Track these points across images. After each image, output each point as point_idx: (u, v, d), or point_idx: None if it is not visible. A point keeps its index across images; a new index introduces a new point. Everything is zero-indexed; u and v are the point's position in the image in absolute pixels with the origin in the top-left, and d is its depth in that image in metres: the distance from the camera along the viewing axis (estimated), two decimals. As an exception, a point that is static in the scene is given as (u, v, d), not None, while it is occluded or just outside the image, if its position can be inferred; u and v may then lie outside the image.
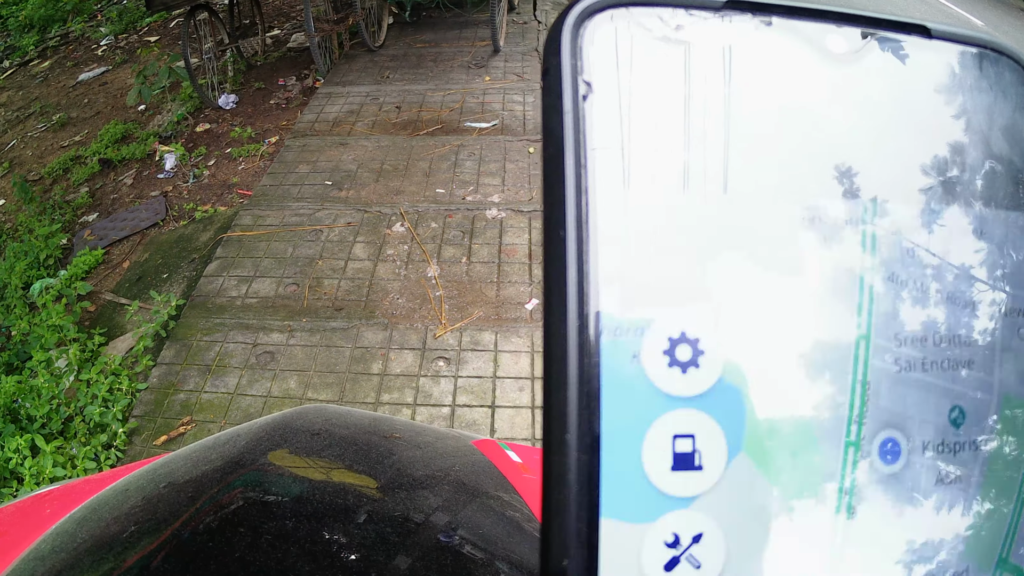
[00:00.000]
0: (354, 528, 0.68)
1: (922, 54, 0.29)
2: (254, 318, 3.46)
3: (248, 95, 6.01)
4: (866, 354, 0.26)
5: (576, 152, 0.23)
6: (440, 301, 3.53)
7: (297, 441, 0.82)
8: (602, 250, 0.23)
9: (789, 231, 0.26)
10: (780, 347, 0.25)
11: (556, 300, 0.23)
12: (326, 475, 0.77)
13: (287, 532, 0.66)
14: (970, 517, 0.27)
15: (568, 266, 0.23)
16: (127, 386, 3.11)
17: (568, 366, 0.22)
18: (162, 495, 0.73)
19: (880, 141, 0.28)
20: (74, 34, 8.55)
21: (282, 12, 8.05)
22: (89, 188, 5.06)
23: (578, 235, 0.23)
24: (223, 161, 5.03)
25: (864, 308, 0.26)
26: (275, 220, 4.16)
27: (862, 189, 0.27)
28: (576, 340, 0.23)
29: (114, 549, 0.66)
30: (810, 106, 0.28)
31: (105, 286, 4.00)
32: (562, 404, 0.22)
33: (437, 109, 5.42)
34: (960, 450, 0.27)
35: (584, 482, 0.22)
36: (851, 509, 0.26)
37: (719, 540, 0.24)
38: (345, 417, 0.93)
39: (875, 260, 0.27)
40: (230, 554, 0.63)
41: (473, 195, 4.33)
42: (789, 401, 0.25)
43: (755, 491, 0.24)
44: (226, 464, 0.75)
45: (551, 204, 0.23)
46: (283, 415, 0.87)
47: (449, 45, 6.73)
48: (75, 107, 6.59)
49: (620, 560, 0.23)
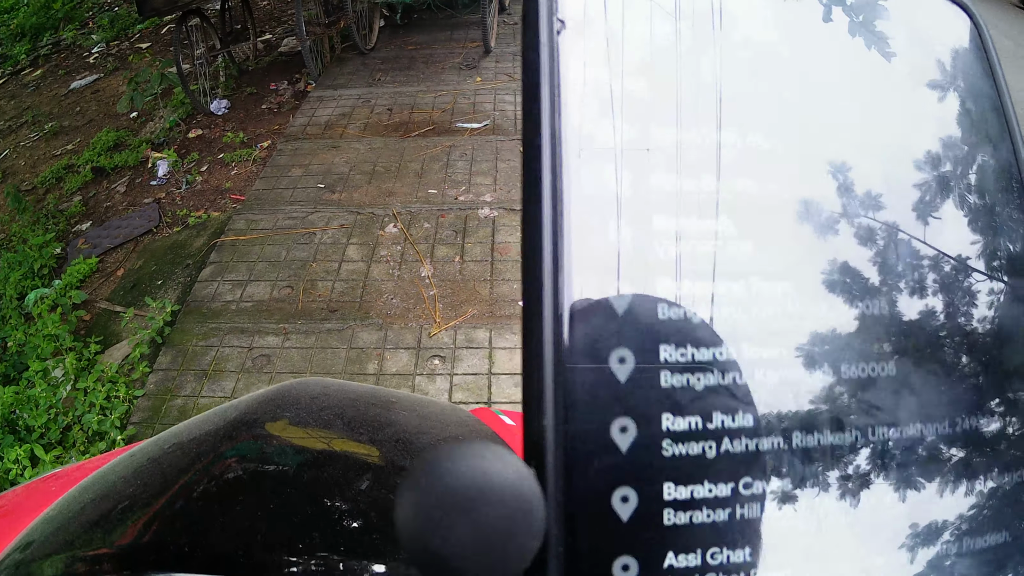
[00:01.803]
0: (356, 490, 0.69)
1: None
2: (249, 322, 3.48)
3: (240, 100, 6.01)
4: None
5: (551, 80, 0.26)
6: (434, 300, 3.54)
7: (292, 411, 0.83)
8: (572, 162, 0.26)
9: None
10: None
11: (532, 211, 0.25)
12: (325, 441, 0.79)
13: (287, 495, 0.68)
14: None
15: (543, 175, 0.25)
16: (124, 393, 3.12)
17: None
18: (158, 467, 0.74)
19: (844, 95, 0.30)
20: (66, 42, 8.55)
21: (273, 17, 8.05)
22: (82, 197, 5.07)
23: (552, 147, 0.25)
24: (216, 166, 5.03)
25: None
26: (268, 224, 4.17)
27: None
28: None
29: (113, 517, 0.68)
30: (783, 50, 0.30)
31: (100, 294, 4.01)
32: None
33: (428, 110, 5.43)
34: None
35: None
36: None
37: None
38: (339, 387, 0.94)
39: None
40: (230, 516, 0.64)
41: (465, 195, 4.34)
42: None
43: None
44: (220, 435, 0.76)
45: (529, 120, 0.26)
46: (276, 388, 0.88)
47: (440, 47, 6.74)
48: (67, 115, 6.59)
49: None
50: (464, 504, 0.21)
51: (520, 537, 0.22)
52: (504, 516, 0.21)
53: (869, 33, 0.31)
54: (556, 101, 0.26)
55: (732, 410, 0.26)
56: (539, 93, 0.26)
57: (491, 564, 0.21)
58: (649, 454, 0.25)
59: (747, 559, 0.26)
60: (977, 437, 0.29)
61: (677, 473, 0.25)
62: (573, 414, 0.24)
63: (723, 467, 0.26)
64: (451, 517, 0.21)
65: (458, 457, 0.22)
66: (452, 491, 0.21)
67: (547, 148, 0.25)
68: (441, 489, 0.21)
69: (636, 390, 0.25)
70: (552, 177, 0.25)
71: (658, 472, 0.25)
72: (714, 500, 0.25)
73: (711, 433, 0.25)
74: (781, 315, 0.27)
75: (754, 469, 0.26)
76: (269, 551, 0.61)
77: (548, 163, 0.25)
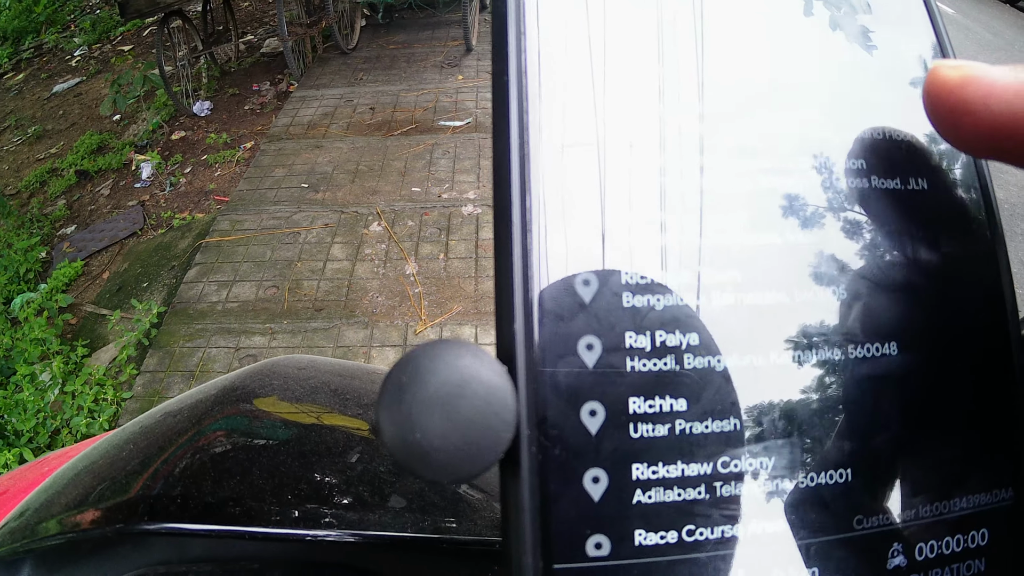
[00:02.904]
0: (344, 456, 0.72)
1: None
2: (235, 322, 3.49)
3: (223, 101, 6.02)
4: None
5: (517, 30, 0.27)
6: (419, 297, 3.57)
7: (276, 386, 0.84)
8: (542, 152, 0.27)
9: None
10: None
11: (500, 164, 0.27)
12: (311, 414, 0.81)
13: (276, 457, 0.70)
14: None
15: (511, 108, 0.27)
16: (112, 396, 3.14)
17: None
18: (149, 436, 0.77)
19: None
20: (48, 45, 8.51)
21: (255, 18, 8.04)
22: (66, 200, 5.07)
23: (519, 87, 0.27)
24: (199, 168, 5.04)
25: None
26: (253, 224, 4.19)
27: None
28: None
29: (105, 481, 0.70)
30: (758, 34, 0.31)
31: (86, 298, 4.02)
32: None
33: (411, 109, 5.44)
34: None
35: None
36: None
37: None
38: (322, 363, 0.95)
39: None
40: (220, 472, 0.67)
41: (449, 192, 4.37)
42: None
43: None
44: (209, 407, 0.78)
45: (498, 71, 0.27)
46: (256, 366, 0.89)
47: (422, 45, 6.75)
48: (50, 119, 6.57)
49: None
50: (441, 399, 0.22)
51: (494, 429, 0.23)
52: (479, 409, 0.23)
53: (851, 25, 0.32)
54: (522, 60, 0.27)
55: (686, 329, 0.27)
56: (507, 49, 0.27)
57: (468, 455, 0.23)
58: (616, 373, 0.26)
59: (712, 470, 0.27)
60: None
61: (641, 390, 0.26)
62: (543, 326, 0.26)
63: (686, 385, 0.27)
64: (429, 411, 0.22)
65: (435, 354, 0.23)
66: (431, 386, 0.23)
67: (515, 137, 0.26)
68: (418, 384, 0.23)
69: (600, 310, 0.27)
70: (520, 167, 0.26)
71: (624, 389, 0.26)
72: (678, 414, 0.27)
73: (670, 350, 0.27)
74: (763, 308, 0.29)
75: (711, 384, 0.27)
76: (258, 500, 0.63)
77: (517, 152, 0.26)
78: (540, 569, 0.25)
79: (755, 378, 0.28)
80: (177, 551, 0.61)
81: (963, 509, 0.29)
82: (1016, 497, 0.30)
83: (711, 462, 0.27)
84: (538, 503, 0.25)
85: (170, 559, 0.61)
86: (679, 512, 0.27)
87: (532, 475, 0.25)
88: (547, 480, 0.25)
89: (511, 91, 0.27)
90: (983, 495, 0.30)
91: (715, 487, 0.27)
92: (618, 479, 0.26)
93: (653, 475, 0.26)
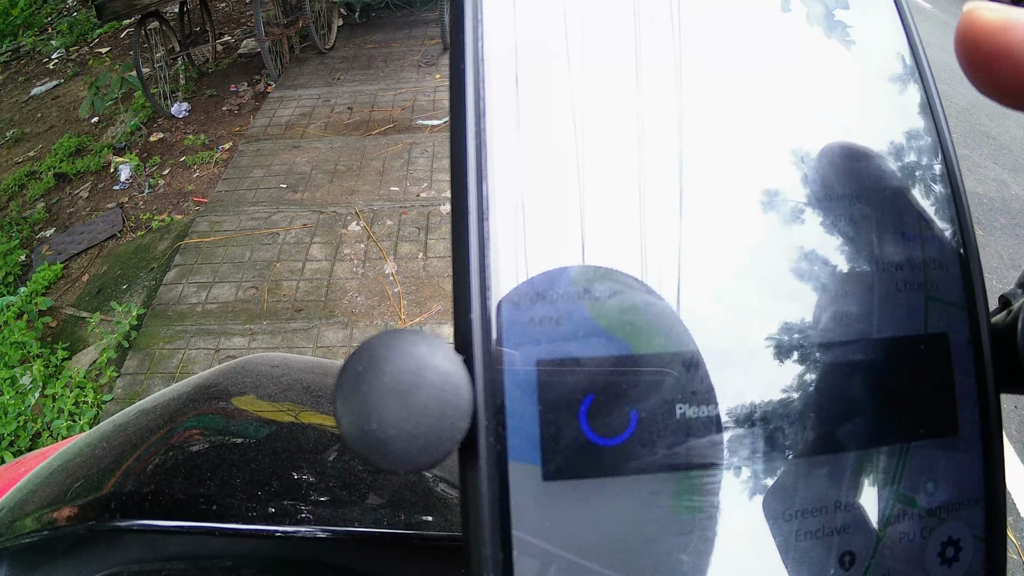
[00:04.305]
0: (320, 454, 0.73)
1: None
2: (215, 323, 3.51)
3: (200, 103, 6.01)
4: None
5: (475, 56, 0.28)
6: (399, 297, 3.59)
7: (249, 384, 0.84)
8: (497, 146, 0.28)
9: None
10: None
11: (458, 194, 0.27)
12: (285, 412, 0.81)
13: (249, 454, 0.71)
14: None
15: (467, 89, 0.28)
16: (93, 398, 3.15)
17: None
18: (122, 433, 0.77)
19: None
20: (25, 48, 8.46)
21: (232, 19, 8.02)
22: (45, 203, 5.06)
23: (475, 69, 0.28)
24: (178, 170, 5.04)
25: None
26: (232, 225, 4.20)
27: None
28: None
29: (79, 478, 0.71)
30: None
31: (66, 300, 4.02)
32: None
33: (389, 108, 5.46)
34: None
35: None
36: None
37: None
38: (295, 361, 0.95)
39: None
40: (192, 469, 0.68)
41: (427, 191, 4.39)
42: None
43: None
44: (176, 408, 0.78)
45: (455, 59, 0.28)
46: (229, 364, 0.89)
47: (399, 44, 6.76)
48: (28, 122, 6.54)
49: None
50: (397, 387, 0.22)
51: (450, 418, 0.23)
52: (435, 398, 0.23)
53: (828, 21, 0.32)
54: (480, 75, 0.28)
55: (641, 317, 0.27)
56: (463, 32, 0.28)
57: (424, 444, 0.22)
58: (572, 361, 0.27)
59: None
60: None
61: (596, 379, 0.27)
62: (500, 315, 0.26)
63: (642, 374, 0.27)
64: (385, 400, 0.22)
65: (392, 344, 0.23)
66: (387, 376, 0.22)
67: (471, 126, 0.27)
68: (374, 373, 0.23)
69: (557, 300, 0.27)
70: (477, 156, 0.27)
71: (581, 378, 0.26)
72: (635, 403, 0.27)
73: (626, 337, 0.27)
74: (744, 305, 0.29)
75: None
76: (232, 497, 0.64)
77: (473, 141, 0.27)
78: (500, 560, 0.25)
79: (724, 364, 0.28)
80: (151, 549, 0.62)
81: (932, 503, 0.30)
82: (986, 490, 0.30)
83: (677, 448, 0.27)
84: (496, 493, 0.25)
85: (144, 557, 0.61)
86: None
87: (490, 465, 0.25)
88: (505, 469, 0.26)
89: (467, 80, 0.27)
90: (951, 488, 0.30)
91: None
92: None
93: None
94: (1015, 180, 4.97)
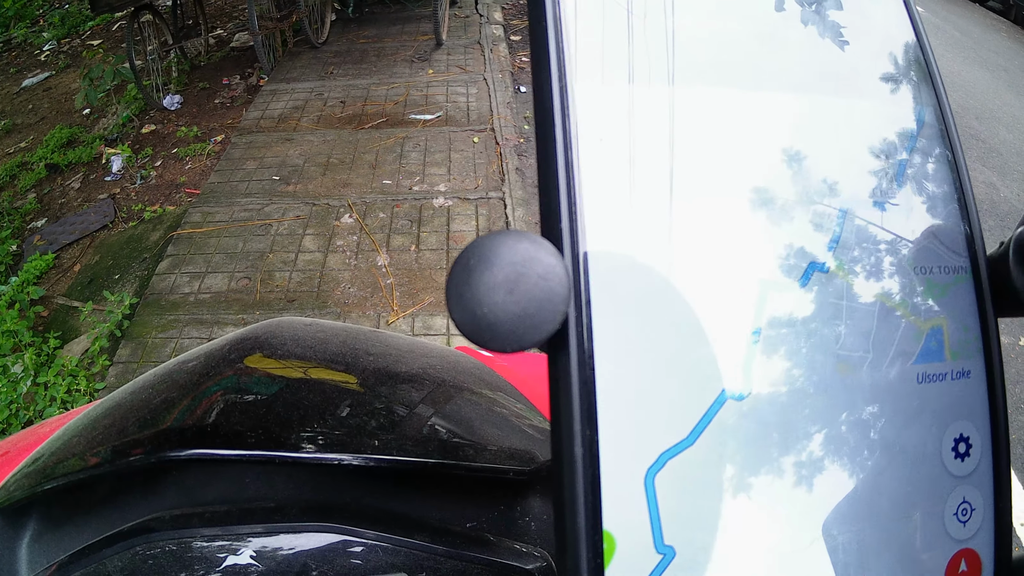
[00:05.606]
0: (362, 406, 0.73)
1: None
2: (208, 313, 3.52)
3: (193, 95, 6.01)
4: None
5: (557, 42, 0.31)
6: (391, 288, 3.61)
7: (277, 347, 0.84)
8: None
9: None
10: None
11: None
12: (318, 371, 0.80)
13: (282, 401, 0.71)
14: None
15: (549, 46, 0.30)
16: (85, 387, 3.15)
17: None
18: (160, 389, 0.76)
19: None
20: (16, 40, 8.43)
21: (225, 12, 8.01)
22: (37, 194, 5.05)
23: (556, 34, 0.30)
24: (170, 161, 5.04)
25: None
26: (224, 216, 4.21)
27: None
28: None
29: (118, 423, 0.70)
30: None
31: (57, 290, 4.01)
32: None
33: (381, 103, 5.47)
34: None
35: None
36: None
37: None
38: (323, 325, 0.95)
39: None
40: (238, 409, 0.68)
41: (420, 185, 4.41)
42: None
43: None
44: (201, 373, 0.78)
45: (535, 26, 0.31)
46: (252, 328, 0.88)
47: (392, 40, 6.77)
48: (20, 114, 6.52)
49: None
50: (508, 279, 0.25)
51: (554, 303, 0.26)
52: (541, 287, 0.26)
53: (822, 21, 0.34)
54: (562, 59, 0.30)
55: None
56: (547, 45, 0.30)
57: (529, 327, 0.25)
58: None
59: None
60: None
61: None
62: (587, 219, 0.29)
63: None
64: (496, 290, 0.25)
65: (502, 241, 0.26)
66: (496, 268, 0.25)
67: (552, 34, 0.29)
68: (487, 267, 0.25)
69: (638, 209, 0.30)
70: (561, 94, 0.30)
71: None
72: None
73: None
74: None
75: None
76: (282, 428, 0.65)
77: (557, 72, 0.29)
78: (587, 437, 0.28)
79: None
80: (188, 496, 0.62)
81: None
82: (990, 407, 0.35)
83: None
84: (584, 379, 0.28)
85: (181, 503, 0.62)
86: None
87: (580, 351, 0.29)
88: (591, 358, 0.29)
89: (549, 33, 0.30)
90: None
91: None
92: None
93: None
94: (1003, 183, 5.01)
